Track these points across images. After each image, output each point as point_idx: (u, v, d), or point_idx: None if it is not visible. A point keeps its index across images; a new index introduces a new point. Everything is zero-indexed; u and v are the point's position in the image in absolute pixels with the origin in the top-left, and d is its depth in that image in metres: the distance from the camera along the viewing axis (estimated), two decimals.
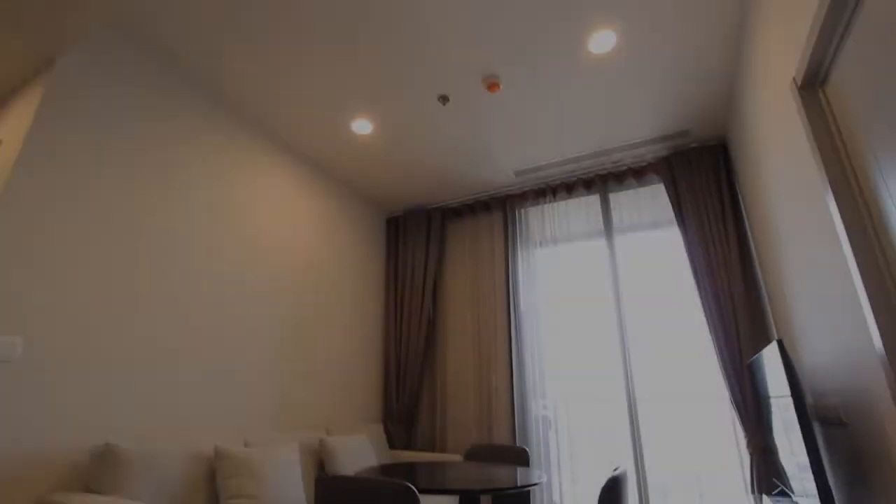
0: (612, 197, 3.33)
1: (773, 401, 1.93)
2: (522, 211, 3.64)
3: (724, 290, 2.63)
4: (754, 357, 2.12)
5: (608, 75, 2.44)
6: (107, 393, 1.93)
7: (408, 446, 3.45)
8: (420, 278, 3.69)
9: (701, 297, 2.68)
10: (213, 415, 2.32)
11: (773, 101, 1.85)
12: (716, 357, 2.58)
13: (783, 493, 2.14)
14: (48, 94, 1.89)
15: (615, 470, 1.58)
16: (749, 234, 2.74)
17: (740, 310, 2.56)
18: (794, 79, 1.53)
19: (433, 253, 3.72)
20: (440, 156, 3.20)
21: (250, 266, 2.69)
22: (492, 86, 2.47)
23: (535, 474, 1.85)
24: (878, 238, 1.27)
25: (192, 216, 2.40)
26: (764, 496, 2.12)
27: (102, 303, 1.97)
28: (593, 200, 3.38)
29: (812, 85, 1.49)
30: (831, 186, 1.39)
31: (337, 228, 3.48)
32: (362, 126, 2.87)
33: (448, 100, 2.61)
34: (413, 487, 1.38)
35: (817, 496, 1.41)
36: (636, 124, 2.85)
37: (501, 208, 3.66)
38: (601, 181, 3.30)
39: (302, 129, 2.91)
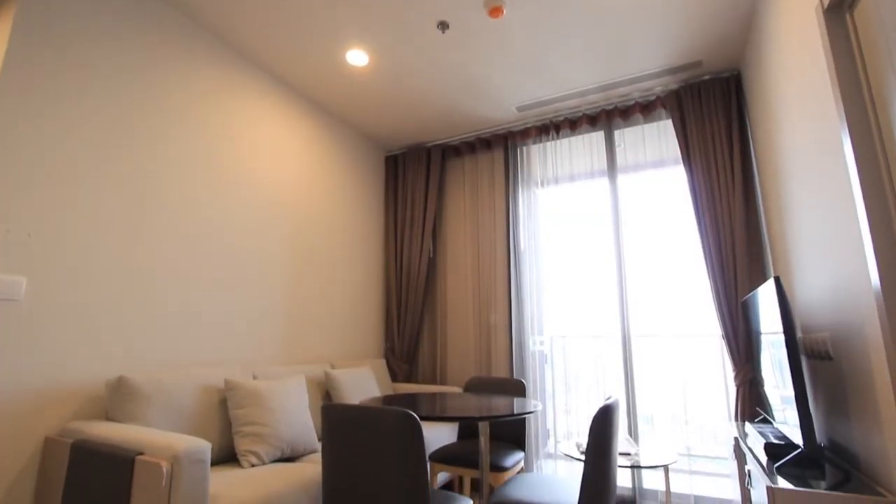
0: (618, 134, 3.23)
1: (763, 337, 1.99)
2: (524, 149, 3.55)
3: (726, 229, 2.62)
4: (749, 295, 2.16)
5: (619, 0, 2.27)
6: (116, 330, 1.98)
7: (409, 379, 3.61)
8: (420, 217, 3.67)
9: (701, 237, 2.68)
10: (220, 351, 2.41)
11: (794, 26, 1.74)
12: (711, 295, 2.62)
13: (765, 421, 2.27)
14: (20, 19, 1.77)
15: (607, 399, 1.66)
16: (755, 171, 2.68)
17: (739, 249, 2.57)
18: (820, 0, 1.42)
19: (433, 191, 3.67)
20: (440, 90, 3.06)
21: (249, 203, 2.66)
22: (494, 10, 2.31)
23: (531, 404, 1.94)
24: (891, 176, 1.24)
25: (188, 153, 2.34)
26: (746, 423, 2.25)
27: (104, 241, 1.97)
28: (598, 138, 3.28)
29: (839, 6, 1.38)
30: (847, 121, 1.33)
31: (335, 166, 3.40)
32: (358, 57, 2.71)
33: (448, 27, 2.45)
34: (415, 415, 1.45)
35: (798, 423, 1.49)
36: (646, 55, 2.70)
37: (502, 146, 3.56)
38: (607, 117, 3.18)
39: (295, 62, 2.75)
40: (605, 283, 3.13)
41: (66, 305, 1.83)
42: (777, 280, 1.54)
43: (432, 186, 3.68)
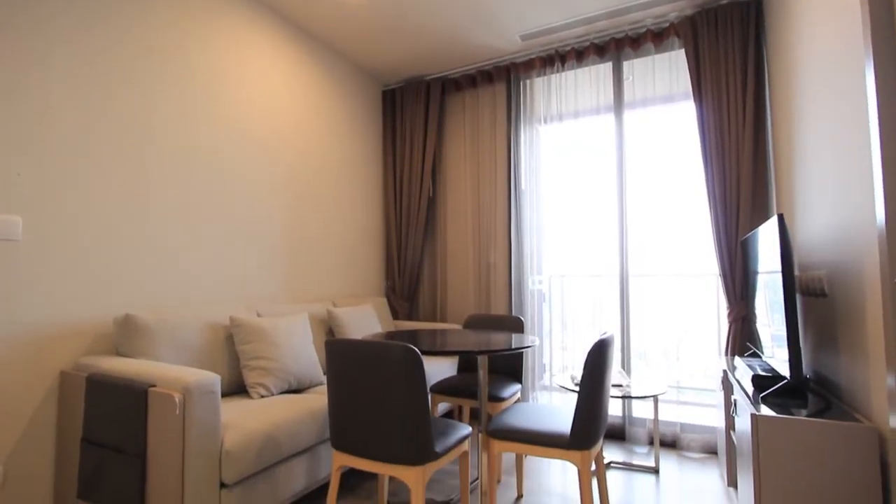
0: (626, 66, 3.07)
1: (759, 276, 2.01)
2: (527, 82, 3.39)
3: (732, 167, 2.57)
4: (749, 234, 2.16)
5: None
6: (119, 269, 1.99)
7: (410, 317, 3.70)
8: (419, 155, 3.59)
9: (706, 175, 2.63)
10: (222, 290, 2.44)
11: None
12: (711, 234, 2.62)
13: (755, 355, 2.35)
14: None
15: (603, 334, 1.71)
16: (768, 107, 2.57)
17: (744, 188, 2.53)
18: None
19: (432, 128, 3.55)
20: (440, 15, 2.86)
21: (244, 141, 2.59)
22: None
23: (529, 339, 2.00)
24: None
25: (180, 92, 2.24)
26: (736, 357, 2.33)
27: (100, 181, 1.93)
28: (605, 70, 3.12)
29: None
30: (874, 55, 1.25)
31: (330, 102, 3.27)
32: None
33: None
34: (416, 349, 1.50)
35: (786, 357, 1.53)
36: None
37: (505, 79, 3.40)
38: (616, 46, 3.00)
39: None
40: (606, 223, 3.12)
41: (67, 245, 1.83)
42: (780, 217, 1.53)
43: (431, 123, 3.56)
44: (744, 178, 2.53)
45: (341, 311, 2.76)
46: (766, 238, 1.76)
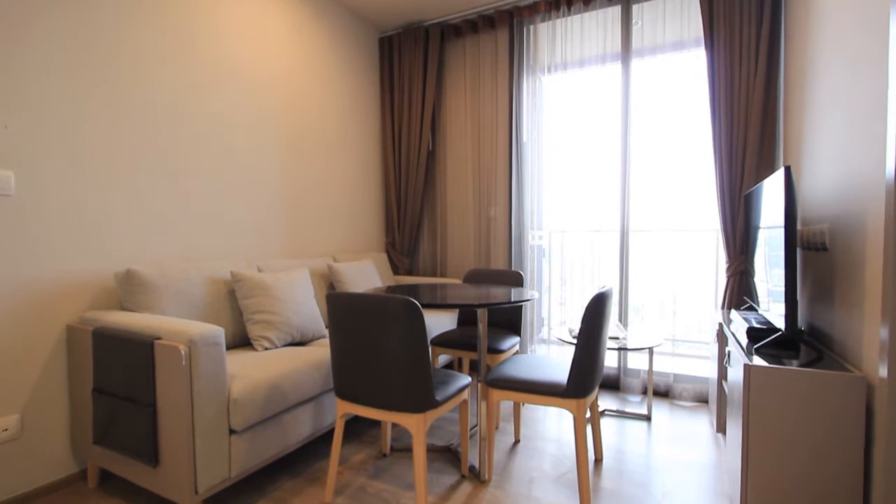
0: (636, 9, 2.91)
1: (760, 231, 2.00)
2: (531, 27, 3.23)
3: (740, 117, 2.49)
4: (753, 187, 2.13)
5: None
6: (115, 224, 1.98)
7: (410, 273, 3.73)
8: (418, 106, 3.48)
9: (713, 126, 2.56)
10: (221, 245, 2.44)
11: None
12: (715, 188, 2.58)
13: (751, 309, 2.38)
14: None
15: (602, 287, 1.72)
16: (782, 57, 2.46)
17: (751, 139, 2.47)
18: None
19: (431, 78, 3.42)
20: None
21: (236, 94, 2.50)
22: None
23: (528, 293, 2.02)
24: None
25: (171, 42, 2.13)
26: (732, 311, 2.36)
27: (93, 136, 1.88)
28: (613, 14, 2.97)
29: None
30: None
31: (325, 51, 3.13)
32: None
33: None
34: (417, 302, 1.51)
35: (783, 309, 1.55)
36: None
37: (507, 24, 3.24)
38: None
39: None
40: (608, 177, 3.07)
41: (62, 200, 1.81)
42: (787, 169, 1.50)
43: (431, 72, 3.42)
44: (751, 130, 2.46)
45: (342, 266, 2.78)
46: (771, 191, 1.74)
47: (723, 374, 2.17)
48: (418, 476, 1.56)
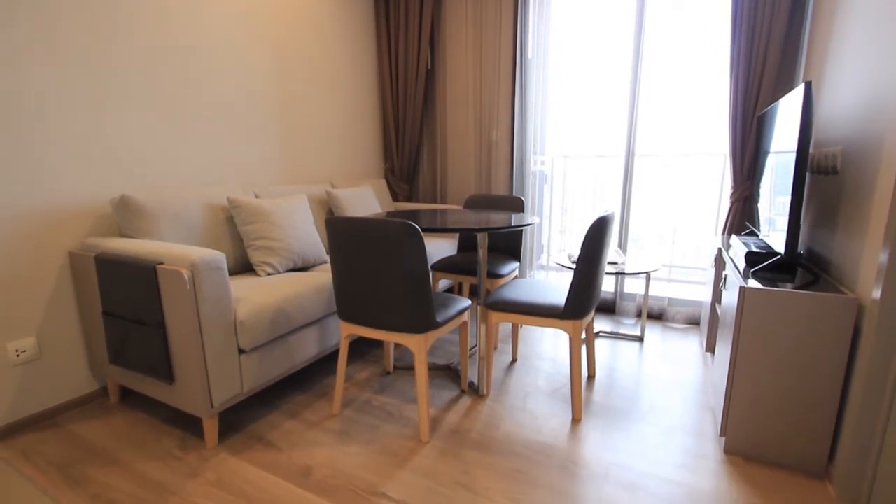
0: None
1: (770, 155, 1.93)
2: None
3: (763, 31, 2.31)
4: (769, 107, 2.03)
5: None
6: (110, 151, 1.91)
7: (410, 199, 3.69)
8: (415, 22, 3.23)
9: (733, 41, 2.38)
10: (216, 172, 2.38)
11: None
12: (728, 109, 2.47)
13: (751, 234, 2.38)
14: None
15: (604, 212, 1.70)
16: None
17: (772, 56, 2.31)
18: None
19: None
20: None
21: (226, 16, 2.30)
22: None
23: (529, 218, 2.00)
24: None
25: None
26: (733, 236, 2.36)
27: (81, 59, 1.75)
28: None
29: None
30: None
31: None
32: None
33: None
34: (417, 226, 1.50)
35: (784, 234, 1.54)
36: None
37: None
38: None
39: None
40: (616, 99, 2.93)
41: (57, 125, 1.73)
42: (808, 84, 1.41)
43: None
44: (773, 45, 2.30)
45: (340, 192, 2.74)
46: (787, 109, 1.66)
47: (717, 297, 2.23)
48: (420, 390, 1.65)
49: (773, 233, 1.78)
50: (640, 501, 1.37)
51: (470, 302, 1.92)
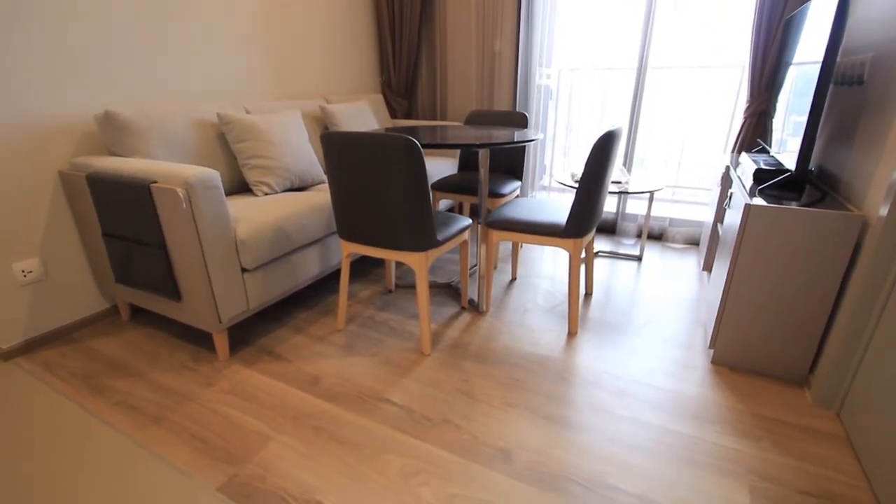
0: None
1: (792, 66, 1.81)
2: None
3: None
4: (799, 8, 1.86)
5: None
6: (97, 66, 1.78)
7: (408, 116, 3.53)
8: None
9: None
10: (200, 85, 2.25)
11: None
12: (753, 14, 2.26)
13: (762, 150, 2.30)
14: None
15: (612, 126, 1.63)
16: None
17: None
18: None
19: None
20: None
21: None
22: None
23: (532, 134, 1.92)
24: None
25: None
26: (742, 154, 2.29)
27: None
28: None
29: None
30: None
31: None
32: None
33: None
34: (416, 141, 1.44)
35: (797, 150, 1.49)
36: None
37: None
38: None
39: None
40: (632, 4, 2.68)
41: (32, 37, 1.59)
42: None
43: None
44: None
45: (335, 107, 2.61)
46: (818, 11, 1.51)
47: (719, 217, 2.21)
48: (422, 305, 1.70)
49: (787, 147, 1.71)
50: (628, 404, 1.46)
51: (470, 220, 1.91)
